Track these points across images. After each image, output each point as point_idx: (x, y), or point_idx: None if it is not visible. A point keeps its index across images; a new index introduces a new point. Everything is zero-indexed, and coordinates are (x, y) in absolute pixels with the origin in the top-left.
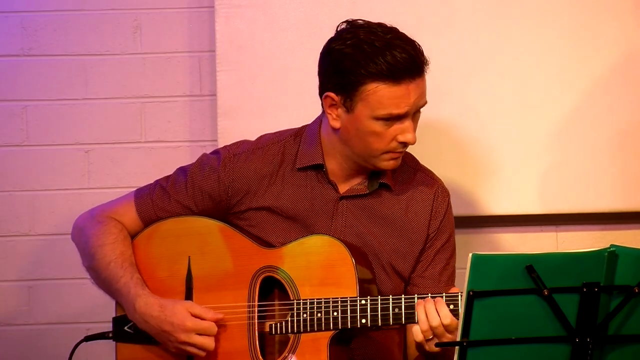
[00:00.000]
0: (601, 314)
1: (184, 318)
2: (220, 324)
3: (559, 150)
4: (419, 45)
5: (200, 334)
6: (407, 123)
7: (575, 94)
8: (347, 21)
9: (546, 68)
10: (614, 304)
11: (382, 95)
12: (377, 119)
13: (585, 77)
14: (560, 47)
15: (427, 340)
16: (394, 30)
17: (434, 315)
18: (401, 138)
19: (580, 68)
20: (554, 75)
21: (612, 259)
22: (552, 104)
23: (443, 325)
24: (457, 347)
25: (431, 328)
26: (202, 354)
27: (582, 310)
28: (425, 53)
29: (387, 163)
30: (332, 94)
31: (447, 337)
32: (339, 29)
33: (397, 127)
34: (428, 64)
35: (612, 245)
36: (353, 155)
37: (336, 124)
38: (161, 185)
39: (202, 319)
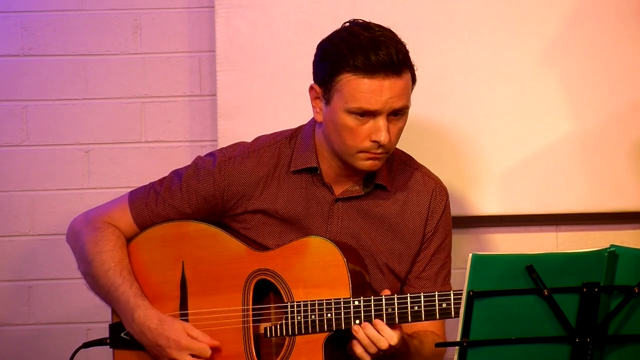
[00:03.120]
0: (601, 314)
1: (180, 336)
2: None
3: (560, 150)
4: (405, 49)
5: (193, 355)
6: (381, 122)
7: (575, 94)
8: (351, 20)
9: (546, 68)
10: (614, 304)
11: (354, 87)
12: (350, 112)
13: (584, 78)
14: (559, 47)
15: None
16: (388, 31)
17: (378, 337)
18: (374, 137)
19: (580, 69)
20: (554, 76)
21: (612, 259)
22: (552, 104)
23: (392, 346)
24: (457, 347)
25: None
26: None
27: (582, 310)
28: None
29: (363, 163)
30: (315, 86)
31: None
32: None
33: (370, 125)
34: (411, 68)
35: (612, 245)
36: (335, 152)
37: (319, 118)
38: (155, 190)
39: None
